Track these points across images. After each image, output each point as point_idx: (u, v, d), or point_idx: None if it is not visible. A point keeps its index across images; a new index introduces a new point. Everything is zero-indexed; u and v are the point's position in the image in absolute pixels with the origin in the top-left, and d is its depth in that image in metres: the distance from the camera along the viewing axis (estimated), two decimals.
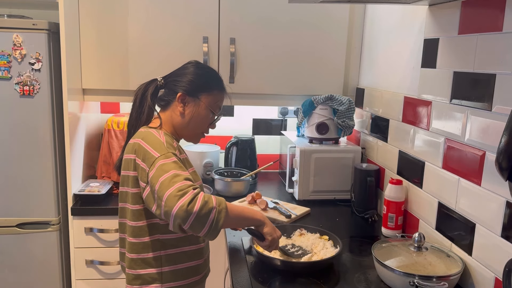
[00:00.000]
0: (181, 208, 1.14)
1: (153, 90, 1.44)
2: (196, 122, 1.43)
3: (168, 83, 1.45)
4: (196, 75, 1.43)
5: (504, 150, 1.02)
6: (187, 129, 1.45)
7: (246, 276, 1.43)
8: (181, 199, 1.15)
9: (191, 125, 1.43)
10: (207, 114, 1.44)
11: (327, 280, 1.41)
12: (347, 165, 2.16)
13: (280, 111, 2.70)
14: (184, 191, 1.17)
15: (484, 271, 1.29)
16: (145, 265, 1.36)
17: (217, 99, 1.46)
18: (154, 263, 1.36)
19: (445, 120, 1.50)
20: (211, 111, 1.45)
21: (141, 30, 2.15)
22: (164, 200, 1.17)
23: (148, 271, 1.37)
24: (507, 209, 1.20)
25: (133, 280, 1.38)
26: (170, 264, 1.38)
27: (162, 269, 1.37)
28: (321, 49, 2.29)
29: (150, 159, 1.26)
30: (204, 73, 1.45)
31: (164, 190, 1.18)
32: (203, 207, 1.16)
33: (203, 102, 1.42)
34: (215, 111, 1.46)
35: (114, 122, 2.26)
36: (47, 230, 2.07)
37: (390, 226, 1.76)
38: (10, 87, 1.94)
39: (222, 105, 1.51)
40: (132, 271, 1.38)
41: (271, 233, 1.40)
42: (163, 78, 1.47)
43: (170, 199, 1.16)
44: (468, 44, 1.37)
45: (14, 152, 1.99)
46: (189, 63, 1.49)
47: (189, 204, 1.15)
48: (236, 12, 2.19)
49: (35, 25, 1.92)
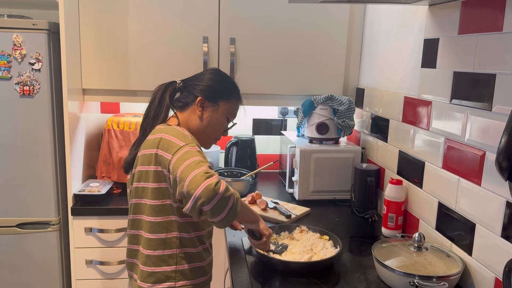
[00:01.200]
0: (209, 187, 1.16)
1: (171, 91, 1.49)
2: (212, 127, 1.48)
3: (188, 86, 1.49)
4: (216, 81, 1.48)
5: (504, 150, 1.02)
6: (203, 133, 1.47)
7: (246, 276, 1.43)
8: (208, 179, 1.17)
9: (207, 130, 1.47)
10: (223, 120, 1.50)
11: (327, 280, 1.41)
12: (347, 165, 2.16)
13: (280, 111, 2.70)
14: (211, 173, 1.20)
15: (484, 271, 1.29)
16: (161, 263, 1.37)
17: (234, 107, 1.52)
18: (170, 260, 1.37)
19: (445, 120, 1.50)
20: (227, 118, 1.50)
21: (141, 30, 2.15)
22: (189, 179, 1.18)
23: (163, 269, 1.37)
24: (507, 209, 1.20)
25: (147, 277, 1.38)
26: (184, 263, 1.38)
27: (177, 267, 1.38)
28: (321, 49, 2.29)
29: (174, 147, 1.28)
30: (223, 80, 1.51)
31: (189, 170, 1.20)
32: (226, 191, 1.20)
33: (221, 108, 1.47)
34: (231, 118, 1.52)
35: (114, 122, 2.26)
36: (47, 230, 2.07)
37: (390, 226, 1.76)
38: (10, 87, 1.94)
39: (237, 112, 1.55)
40: (147, 268, 1.38)
41: (267, 229, 1.47)
42: (182, 81, 1.51)
43: (197, 178, 1.17)
44: (468, 44, 1.37)
45: (14, 152, 1.99)
46: (210, 69, 1.54)
47: (216, 184, 1.18)
48: (236, 12, 2.19)
49: (35, 25, 1.92)
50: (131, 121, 2.26)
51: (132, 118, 2.30)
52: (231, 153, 2.52)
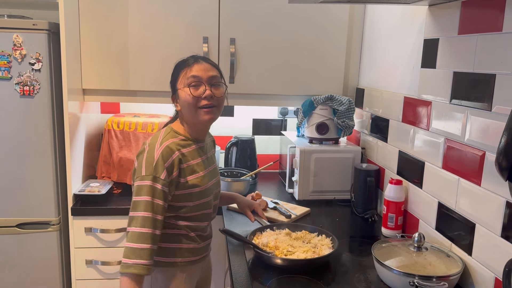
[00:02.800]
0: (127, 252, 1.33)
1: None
2: (184, 106, 1.48)
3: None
4: (171, 75, 1.54)
5: (504, 150, 1.02)
6: (187, 116, 1.50)
7: (246, 276, 1.43)
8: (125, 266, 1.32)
9: (184, 111, 1.49)
10: (186, 92, 1.47)
11: (327, 280, 1.41)
12: (347, 165, 2.16)
13: (280, 111, 2.70)
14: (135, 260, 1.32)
15: (484, 271, 1.29)
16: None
17: (186, 76, 1.48)
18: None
19: (445, 120, 1.50)
20: (188, 86, 1.46)
21: (141, 30, 2.15)
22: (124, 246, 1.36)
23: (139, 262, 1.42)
24: (507, 209, 1.20)
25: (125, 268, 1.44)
26: (161, 256, 1.47)
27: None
28: (321, 49, 2.29)
29: (137, 174, 1.41)
30: (173, 70, 1.54)
31: (128, 224, 1.37)
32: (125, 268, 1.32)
33: (180, 89, 1.49)
34: (192, 84, 1.46)
35: (114, 122, 2.26)
36: (47, 230, 2.07)
37: (390, 226, 1.76)
38: (10, 87, 1.94)
39: (197, 74, 1.47)
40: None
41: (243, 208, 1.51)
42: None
43: (124, 251, 1.34)
44: (468, 44, 1.37)
45: (14, 152, 1.99)
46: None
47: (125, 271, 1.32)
48: (236, 12, 2.19)
49: (35, 25, 1.92)
50: (131, 121, 2.26)
51: (132, 118, 2.30)
52: (231, 153, 2.52)
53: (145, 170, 1.39)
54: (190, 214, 1.48)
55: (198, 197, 1.49)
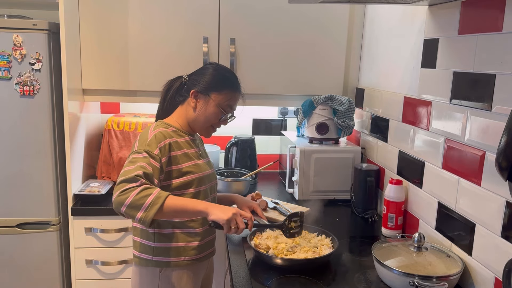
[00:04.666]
0: (116, 198, 1.30)
1: (178, 86, 1.60)
2: (205, 117, 1.55)
3: (189, 80, 1.59)
4: (211, 75, 1.56)
5: (504, 150, 1.02)
6: (197, 122, 1.57)
7: (246, 276, 1.43)
8: (118, 191, 1.30)
9: (201, 119, 1.55)
10: (216, 111, 1.55)
11: (327, 280, 1.41)
12: (347, 165, 2.16)
13: (280, 111, 2.70)
14: (126, 186, 1.30)
15: (484, 271, 1.29)
16: (143, 236, 1.52)
17: (227, 99, 1.56)
18: (150, 235, 1.51)
19: (445, 120, 1.50)
20: (221, 109, 1.55)
21: (141, 30, 2.15)
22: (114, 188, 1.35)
23: (145, 242, 1.52)
24: (507, 209, 1.20)
25: (134, 246, 1.56)
26: (162, 241, 1.50)
27: (155, 244, 1.51)
28: (321, 49, 2.29)
29: (131, 151, 1.45)
30: (218, 74, 1.57)
31: (118, 180, 1.34)
32: (137, 199, 1.29)
33: (212, 100, 1.54)
34: (225, 110, 1.56)
35: (114, 122, 2.26)
36: (47, 230, 2.07)
37: (390, 226, 1.76)
38: (10, 87, 1.94)
39: (235, 105, 1.60)
40: (134, 238, 1.56)
41: (219, 218, 1.36)
42: (187, 76, 1.60)
43: (115, 190, 1.32)
44: (468, 44, 1.37)
45: (14, 152, 1.99)
46: (209, 64, 1.63)
47: (124, 194, 1.29)
48: (236, 12, 2.19)
49: (35, 25, 1.92)
50: (131, 121, 2.26)
51: (132, 118, 2.30)
52: (231, 153, 2.52)
53: (139, 146, 1.43)
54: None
55: (195, 184, 1.51)
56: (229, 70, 1.65)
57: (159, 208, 1.30)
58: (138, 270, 1.55)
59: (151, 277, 1.52)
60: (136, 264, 1.55)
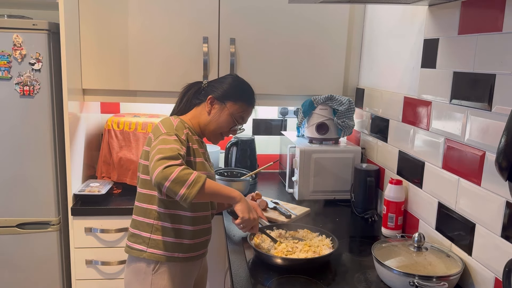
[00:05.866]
0: (162, 172, 1.32)
1: (196, 89, 1.68)
2: (217, 123, 1.61)
3: (208, 86, 1.66)
4: (230, 85, 1.64)
5: (504, 150, 1.02)
6: (208, 127, 1.63)
7: (246, 276, 1.43)
8: (163, 166, 1.33)
9: (212, 125, 1.62)
10: (229, 120, 1.62)
11: (327, 280, 1.41)
12: (347, 165, 2.16)
13: (280, 111, 2.70)
14: (168, 162, 1.34)
15: (484, 271, 1.29)
16: (140, 227, 1.56)
17: (241, 110, 1.63)
18: (147, 228, 1.54)
19: (445, 120, 1.50)
20: (234, 119, 1.62)
21: (141, 30, 2.15)
22: (152, 163, 1.36)
23: (141, 233, 1.55)
24: (507, 209, 1.20)
25: (130, 236, 1.59)
26: (159, 234, 1.53)
27: (151, 236, 1.53)
28: (321, 49, 2.29)
29: (158, 133, 1.48)
30: (237, 84, 1.66)
31: (154, 155, 1.37)
32: (181, 175, 1.33)
33: (227, 108, 1.61)
34: (238, 121, 1.64)
35: (114, 122, 2.26)
36: (47, 230, 2.07)
37: (390, 226, 1.76)
38: (10, 87, 1.94)
39: (247, 117, 1.68)
40: (131, 229, 1.60)
41: (243, 211, 1.49)
42: (207, 82, 1.69)
43: (156, 165, 1.34)
44: (468, 44, 1.38)
45: (14, 152, 1.99)
46: (230, 75, 1.75)
47: (168, 169, 1.32)
48: (236, 12, 2.19)
49: (35, 25, 1.92)
50: (131, 121, 2.26)
51: (132, 118, 2.30)
52: (231, 153, 2.52)
53: (167, 129, 1.48)
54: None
55: None
56: (248, 84, 1.71)
57: (201, 187, 1.35)
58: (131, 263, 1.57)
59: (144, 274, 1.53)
60: (130, 255, 1.56)
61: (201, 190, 1.35)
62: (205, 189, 1.37)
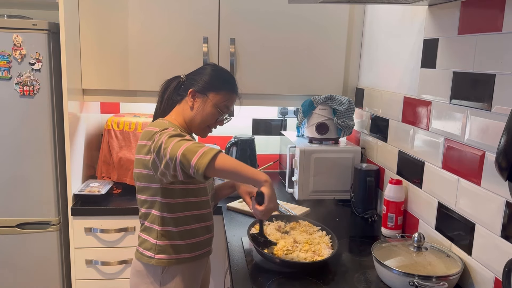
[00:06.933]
0: (177, 143, 1.34)
1: (175, 85, 1.61)
2: (202, 117, 1.56)
3: (187, 80, 1.60)
4: (209, 75, 1.58)
5: (504, 150, 1.02)
6: (194, 122, 1.58)
7: (246, 276, 1.43)
8: (177, 139, 1.35)
9: (198, 119, 1.57)
10: (213, 111, 1.57)
11: (327, 280, 1.41)
12: (347, 165, 2.16)
13: (280, 111, 2.70)
14: (180, 138, 1.36)
15: (484, 271, 1.29)
16: (147, 234, 1.54)
17: (224, 99, 1.57)
18: (153, 234, 1.52)
19: (445, 120, 1.50)
20: (218, 110, 1.56)
21: (141, 30, 2.16)
22: (164, 141, 1.36)
23: (149, 239, 1.53)
24: (506, 209, 1.20)
25: (140, 243, 1.57)
26: (164, 240, 1.51)
27: (157, 242, 1.51)
28: (321, 49, 2.29)
29: (154, 134, 1.44)
30: (217, 74, 1.60)
31: (165, 136, 1.37)
32: (197, 144, 1.34)
33: (210, 100, 1.55)
34: (222, 111, 1.58)
35: (114, 122, 2.26)
36: (47, 230, 2.07)
37: (390, 226, 1.76)
38: (10, 87, 1.94)
39: (232, 106, 1.62)
40: (140, 234, 1.57)
41: (271, 199, 1.40)
42: (185, 76, 1.62)
43: (167, 141, 1.35)
44: (467, 44, 1.38)
45: (14, 152, 1.99)
46: (208, 65, 1.65)
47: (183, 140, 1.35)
48: (236, 12, 2.19)
49: (35, 25, 1.92)
50: (131, 121, 2.26)
51: (132, 118, 2.30)
52: (231, 153, 2.52)
53: (160, 127, 1.45)
54: (191, 199, 1.52)
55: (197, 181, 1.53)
56: (227, 71, 1.67)
57: (213, 157, 1.31)
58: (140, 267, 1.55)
59: (152, 277, 1.52)
60: (139, 260, 1.55)
61: (212, 161, 1.30)
62: (219, 161, 1.32)
